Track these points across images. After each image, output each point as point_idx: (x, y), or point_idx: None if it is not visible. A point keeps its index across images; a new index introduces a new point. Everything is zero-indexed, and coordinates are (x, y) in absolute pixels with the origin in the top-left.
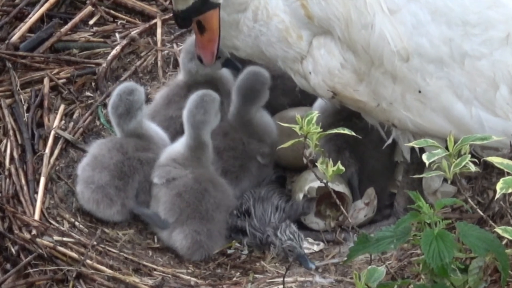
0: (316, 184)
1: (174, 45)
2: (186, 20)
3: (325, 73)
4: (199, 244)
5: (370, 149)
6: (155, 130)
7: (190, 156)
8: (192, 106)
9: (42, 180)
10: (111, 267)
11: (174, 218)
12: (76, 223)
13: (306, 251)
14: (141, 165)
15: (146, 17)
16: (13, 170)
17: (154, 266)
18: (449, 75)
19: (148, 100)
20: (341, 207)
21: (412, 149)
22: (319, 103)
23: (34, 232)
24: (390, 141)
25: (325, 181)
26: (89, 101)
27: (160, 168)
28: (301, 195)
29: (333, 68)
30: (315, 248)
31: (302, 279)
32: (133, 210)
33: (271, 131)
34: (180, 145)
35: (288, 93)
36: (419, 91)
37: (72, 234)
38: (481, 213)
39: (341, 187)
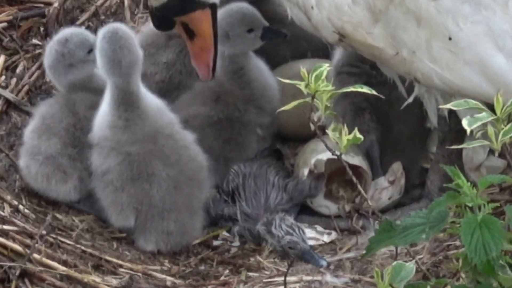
0: (325, 156)
1: None
2: (165, 20)
3: (331, 9)
4: (170, 244)
5: (396, 110)
6: None
7: (120, 124)
8: (107, 45)
9: None
10: (64, 263)
11: (127, 222)
12: (20, 207)
13: (314, 242)
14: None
15: None
16: None
17: (120, 262)
18: (488, 20)
19: None
20: (359, 185)
21: (449, 112)
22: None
23: None
24: (410, 99)
25: (337, 152)
26: (37, 51)
27: (97, 150)
28: (306, 171)
29: (342, 3)
30: (325, 238)
31: (308, 278)
32: (75, 207)
33: (272, 93)
34: (104, 102)
35: (290, 42)
36: (449, 38)
37: (15, 221)
38: None
39: (357, 160)
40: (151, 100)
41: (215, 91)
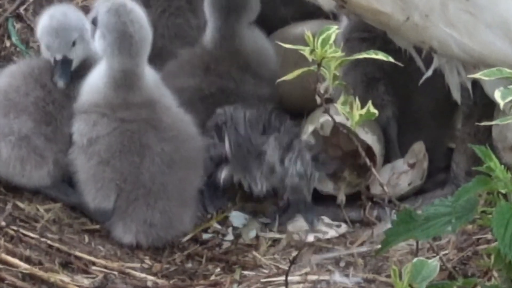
0: (336, 119)
1: None
2: None
3: None
4: (153, 237)
5: (417, 81)
6: None
7: (116, 97)
8: (115, 18)
9: None
10: (27, 259)
11: (105, 202)
12: None
13: (320, 236)
14: (68, 101)
15: None
16: None
17: (93, 259)
18: None
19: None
20: (372, 168)
21: (472, 84)
22: None
23: None
24: (430, 73)
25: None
26: None
27: (83, 117)
28: (310, 128)
29: None
30: (334, 232)
31: (314, 277)
32: (47, 192)
33: (269, 59)
34: (98, 78)
35: (291, 1)
36: None
37: None
38: None
39: (369, 138)
40: (147, 72)
41: (204, 60)
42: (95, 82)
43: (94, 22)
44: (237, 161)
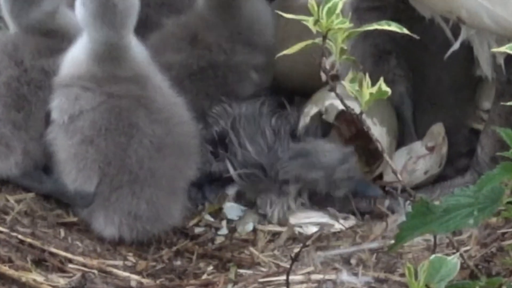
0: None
1: None
2: None
3: None
4: (137, 231)
5: (433, 53)
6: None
7: (101, 71)
8: None
9: None
10: None
11: (86, 185)
12: None
13: (326, 229)
14: (47, 81)
15: None
16: None
17: (69, 256)
18: None
19: None
20: (385, 155)
21: (505, 59)
22: None
23: None
24: (457, 46)
25: (357, 111)
26: None
27: (63, 91)
28: (314, 110)
29: None
30: (341, 225)
31: (318, 277)
32: (17, 181)
33: (265, 24)
34: (80, 51)
35: None
36: None
37: None
38: None
39: (377, 129)
40: (136, 46)
41: (190, 31)
42: (76, 55)
43: None
44: (248, 185)
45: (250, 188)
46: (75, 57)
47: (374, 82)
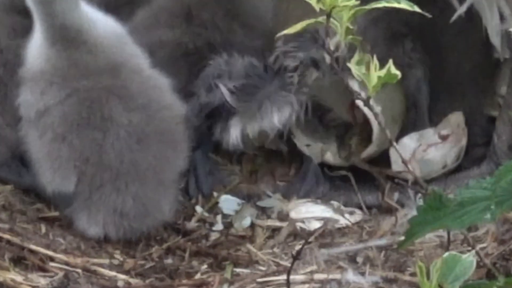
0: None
1: None
2: None
3: None
4: (124, 228)
5: (451, 36)
6: None
7: (61, 61)
8: None
9: None
10: None
11: (65, 184)
12: None
13: (330, 225)
14: (23, 63)
15: None
16: None
17: (51, 253)
18: None
19: None
20: (393, 143)
21: None
22: None
23: None
24: (463, 9)
25: (362, 96)
26: None
27: (29, 85)
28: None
29: None
30: (346, 220)
31: (322, 276)
32: None
33: (261, 7)
34: (37, 37)
35: None
36: None
37: None
38: None
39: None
40: (105, 28)
41: (184, 5)
42: (36, 42)
43: None
44: (244, 108)
45: (249, 106)
46: (35, 45)
47: (383, 64)
